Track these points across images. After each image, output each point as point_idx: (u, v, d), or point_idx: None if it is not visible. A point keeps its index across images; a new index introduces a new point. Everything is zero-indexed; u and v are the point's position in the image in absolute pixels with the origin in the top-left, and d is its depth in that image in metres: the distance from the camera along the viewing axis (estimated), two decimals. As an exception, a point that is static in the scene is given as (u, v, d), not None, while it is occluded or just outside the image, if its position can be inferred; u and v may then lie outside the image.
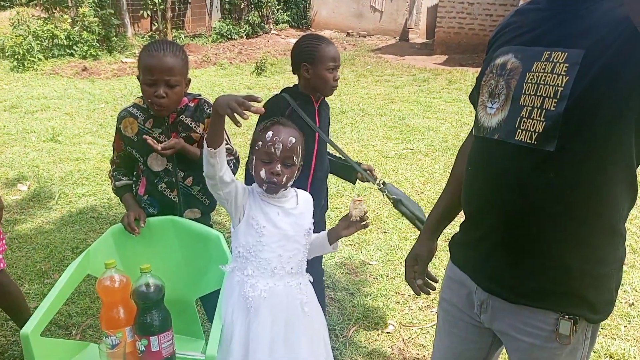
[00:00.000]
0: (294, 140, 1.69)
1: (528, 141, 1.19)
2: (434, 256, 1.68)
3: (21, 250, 3.60)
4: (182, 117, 2.06)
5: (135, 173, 2.19)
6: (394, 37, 13.68)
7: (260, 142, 1.69)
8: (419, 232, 1.77)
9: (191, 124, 2.06)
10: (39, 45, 9.63)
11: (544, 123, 1.17)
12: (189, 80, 2.05)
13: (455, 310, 1.50)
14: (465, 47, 11.41)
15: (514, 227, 1.26)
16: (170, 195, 2.10)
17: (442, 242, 1.75)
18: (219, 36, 12.64)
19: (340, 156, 2.51)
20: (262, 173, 1.68)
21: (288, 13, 14.93)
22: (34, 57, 9.37)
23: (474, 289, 1.41)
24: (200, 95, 2.13)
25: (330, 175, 2.54)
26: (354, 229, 1.81)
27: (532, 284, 1.27)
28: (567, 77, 1.14)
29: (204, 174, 1.65)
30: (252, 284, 1.71)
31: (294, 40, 13.18)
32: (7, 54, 9.42)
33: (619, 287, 1.31)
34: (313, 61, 2.22)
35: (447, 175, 5.34)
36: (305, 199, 1.85)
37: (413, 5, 13.30)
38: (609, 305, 1.28)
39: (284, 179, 1.69)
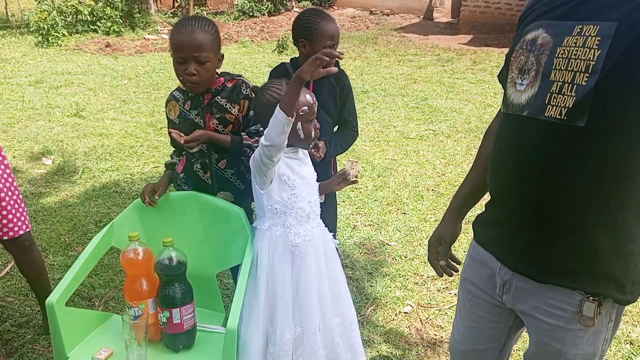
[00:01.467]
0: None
1: (558, 117, 1.17)
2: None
3: (45, 222, 3.67)
4: (218, 99, 2.03)
5: (182, 153, 2.20)
6: (418, 16, 13.46)
7: (306, 107, 1.82)
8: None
9: (226, 105, 2.03)
10: (63, 20, 9.70)
11: (575, 98, 1.15)
12: (222, 56, 2.02)
13: (477, 290, 1.50)
14: (491, 27, 11.18)
15: (542, 204, 1.25)
16: (203, 176, 2.10)
17: (463, 224, 1.73)
18: (240, 13, 12.58)
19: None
20: (313, 133, 1.88)
21: (311, -9, 14.78)
22: (58, 33, 9.45)
23: (497, 269, 1.40)
24: (240, 76, 2.09)
25: (352, 156, 2.51)
26: (344, 185, 2.04)
27: (560, 261, 1.26)
28: (600, 51, 1.11)
29: (269, 143, 1.67)
30: (295, 232, 1.88)
31: (316, 19, 13.09)
32: (31, 29, 9.52)
33: None
34: (311, 38, 2.24)
35: (470, 157, 5.30)
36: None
37: (438, -17, 13.05)
38: (636, 286, 1.26)
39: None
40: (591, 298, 1.23)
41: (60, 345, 1.76)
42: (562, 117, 1.17)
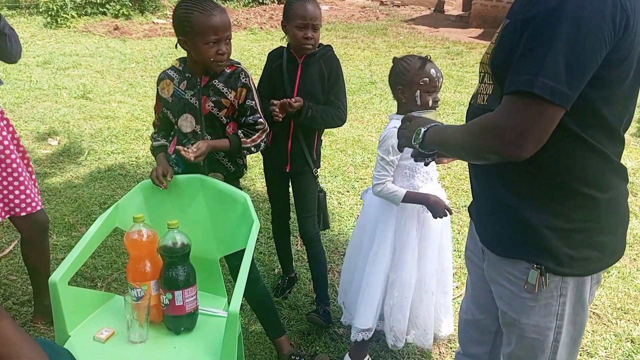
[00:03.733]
0: (441, 73, 2.16)
1: (482, 103, 1.38)
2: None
3: (50, 202, 3.67)
4: (215, 82, 2.06)
5: (172, 133, 2.22)
6: (429, 8, 13.35)
7: (427, 79, 2.09)
8: None
9: (223, 89, 2.06)
10: (73, 2, 9.66)
11: (492, 86, 1.33)
12: None
13: (475, 258, 1.65)
14: (502, 21, 11.08)
15: (478, 182, 1.49)
16: None
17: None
18: (250, 0, 12.51)
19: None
20: (430, 102, 2.12)
21: (321, -21, 14.68)
22: (67, 14, 9.42)
23: (477, 238, 1.56)
24: (239, 63, 2.12)
25: (358, 147, 2.54)
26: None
27: (503, 234, 1.41)
28: (494, 44, 1.33)
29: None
30: (426, 192, 2.15)
31: (326, 8, 12.95)
32: (41, 10, 9.50)
33: (603, 249, 1.36)
34: (287, 18, 2.37)
35: (477, 150, 5.13)
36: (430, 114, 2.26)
37: (450, -24, 12.93)
38: (576, 261, 1.33)
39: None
40: (535, 265, 1.34)
41: (62, 323, 1.76)
42: (484, 103, 1.37)
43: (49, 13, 9.27)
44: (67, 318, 1.77)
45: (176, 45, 2.06)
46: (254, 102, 2.11)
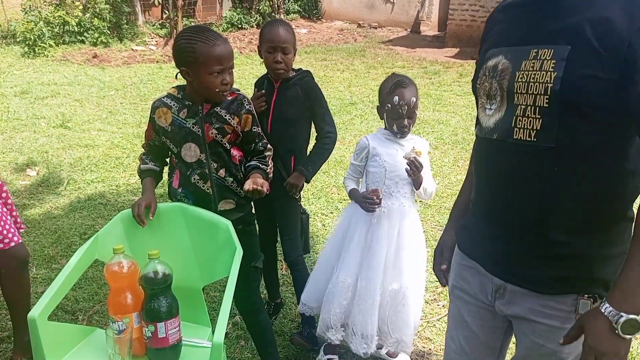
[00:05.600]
0: (414, 100, 2.23)
1: (527, 139, 1.22)
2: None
3: (29, 235, 3.61)
4: (217, 109, 2.02)
5: (169, 165, 2.17)
6: (405, 29, 13.58)
7: (389, 105, 2.22)
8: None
9: (225, 115, 2.02)
10: (50, 31, 9.63)
11: (541, 120, 1.20)
12: None
13: (469, 297, 1.52)
14: (477, 41, 11.17)
15: (525, 221, 1.29)
16: (203, 187, 2.06)
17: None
18: (229, 25, 12.59)
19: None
20: (394, 127, 2.26)
21: (299, 3, 14.85)
22: (45, 43, 9.38)
23: (490, 277, 1.42)
24: (238, 90, 2.10)
25: (340, 168, 2.61)
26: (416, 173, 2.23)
27: (549, 273, 1.29)
28: (556, 73, 1.16)
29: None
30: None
31: (304, 31, 13.08)
32: (18, 40, 9.44)
33: None
34: (260, 42, 2.44)
35: (457, 168, 5.32)
36: (419, 142, 2.35)
37: (425, -3, 13.18)
38: None
39: (410, 127, 2.29)
40: (586, 296, 1.27)
41: (42, 360, 1.72)
42: (532, 139, 1.21)
43: (26, 42, 9.22)
44: (47, 354, 1.72)
45: (176, 75, 2.02)
46: (258, 128, 2.14)
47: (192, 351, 1.87)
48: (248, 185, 1.98)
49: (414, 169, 2.19)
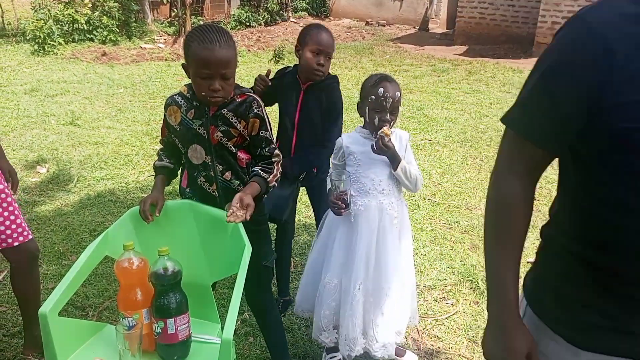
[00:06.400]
0: (399, 94, 2.19)
1: None
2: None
3: (40, 231, 3.64)
4: (224, 111, 1.96)
5: (182, 162, 2.15)
6: (414, 27, 13.54)
7: (373, 96, 2.16)
8: None
9: (232, 118, 1.96)
10: (60, 29, 9.68)
11: None
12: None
13: None
14: (486, 38, 11.25)
15: None
16: (209, 189, 2.05)
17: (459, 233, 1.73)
18: (237, 23, 12.61)
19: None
20: (375, 121, 2.19)
21: (307, 1, 14.84)
22: (55, 42, 9.44)
23: None
24: (250, 90, 2.04)
25: None
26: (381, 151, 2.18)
27: None
28: None
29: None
30: (353, 202, 2.23)
31: (312, 29, 13.15)
32: (28, 38, 9.50)
33: None
34: (302, 43, 2.47)
35: (466, 167, 5.27)
36: (399, 135, 2.29)
37: (434, -6, 13.13)
38: None
39: (392, 124, 2.21)
40: None
41: (52, 355, 1.73)
42: None
43: (36, 41, 9.28)
44: (58, 350, 1.74)
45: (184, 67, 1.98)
46: (267, 132, 2.03)
47: (202, 347, 1.88)
48: (227, 216, 1.86)
49: (379, 145, 2.14)
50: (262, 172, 2.00)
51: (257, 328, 2.66)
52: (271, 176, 2.02)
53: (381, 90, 2.15)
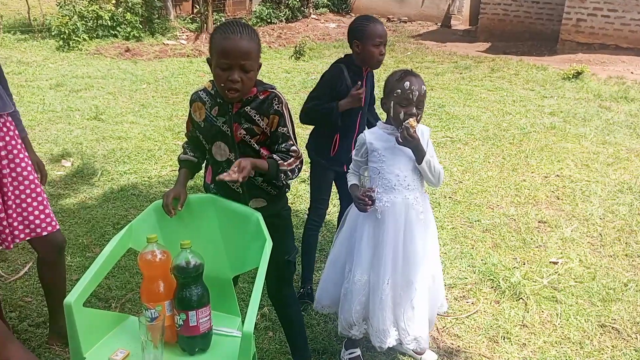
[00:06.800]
0: (425, 89, 2.19)
1: None
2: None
3: (64, 224, 3.70)
4: (247, 109, 1.96)
5: (206, 157, 2.16)
6: (436, 23, 13.43)
7: (399, 90, 2.15)
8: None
9: (255, 116, 1.96)
10: (84, 25, 9.83)
11: None
12: (260, 65, 1.95)
13: None
14: (510, 35, 11.11)
15: None
16: (233, 185, 2.04)
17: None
18: (258, 20, 12.64)
19: None
20: (401, 115, 2.16)
21: (328, -3, 14.81)
22: (79, 37, 9.58)
23: None
24: (274, 87, 2.03)
25: None
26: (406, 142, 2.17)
27: None
28: None
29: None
30: (379, 198, 2.23)
31: (333, 25, 13.03)
32: (53, 34, 9.66)
33: None
34: (360, 38, 2.61)
35: (487, 165, 5.25)
36: (421, 130, 2.26)
37: (456, -9, 13.00)
38: None
39: (419, 118, 2.19)
40: None
41: (77, 345, 1.76)
42: None
43: (61, 36, 9.42)
44: (82, 339, 1.77)
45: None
46: (286, 128, 2.01)
47: (222, 340, 1.89)
48: (222, 175, 1.87)
49: (404, 136, 2.13)
50: (277, 157, 2.01)
51: (277, 322, 2.67)
52: (286, 163, 2.00)
53: (407, 83, 2.14)
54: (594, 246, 3.51)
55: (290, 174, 2.03)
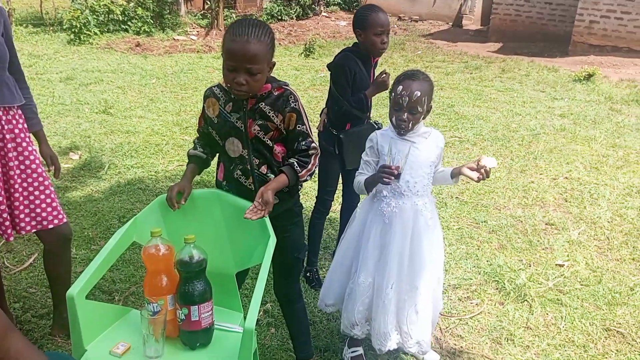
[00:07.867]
0: (418, 94, 2.09)
1: None
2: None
3: (70, 216, 3.71)
4: (262, 105, 1.95)
5: (216, 153, 2.15)
6: (447, 23, 13.37)
7: (393, 93, 2.15)
8: None
9: (269, 112, 1.95)
10: (95, 19, 9.88)
11: None
12: (274, 64, 1.95)
13: None
14: (522, 36, 11.04)
15: None
16: (245, 182, 2.04)
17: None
18: (269, 17, 12.65)
19: None
20: (393, 120, 2.17)
21: (339, -5, 14.79)
22: (90, 31, 9.63)
23: None
24: (287, 84, 2.02)
25: None
26: (475, 175, 2.16)
27: None
28: None
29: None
30: (387, 203, 2.23)
31: (344, 23, 13.02)
32: (64, 27, 9.72)
33: None
34: (363, 27, 2.67)
35: (496, 166, 5.17)
36: (435, 136, 2.27)
37: (468, -10, 12.94)
38: None
39: (410, 124, 2.14)
40: None
41: (78, 337, 1.77)
42: None
43: (72, 30, 9.47)
44: (84, 332, 1.77)
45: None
46: (304, 126, 1.99)
47: (224, 335, 1.89)
48: (246, 212, 1.88)
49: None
50: (296, 164, 1.99)
51: (279, 319, 2.67)
52: (304, 170, 1.99)
53: (399, 88, 2.11)
54: (601, 249, 3.49)
55: (309, 178, 2.03)
